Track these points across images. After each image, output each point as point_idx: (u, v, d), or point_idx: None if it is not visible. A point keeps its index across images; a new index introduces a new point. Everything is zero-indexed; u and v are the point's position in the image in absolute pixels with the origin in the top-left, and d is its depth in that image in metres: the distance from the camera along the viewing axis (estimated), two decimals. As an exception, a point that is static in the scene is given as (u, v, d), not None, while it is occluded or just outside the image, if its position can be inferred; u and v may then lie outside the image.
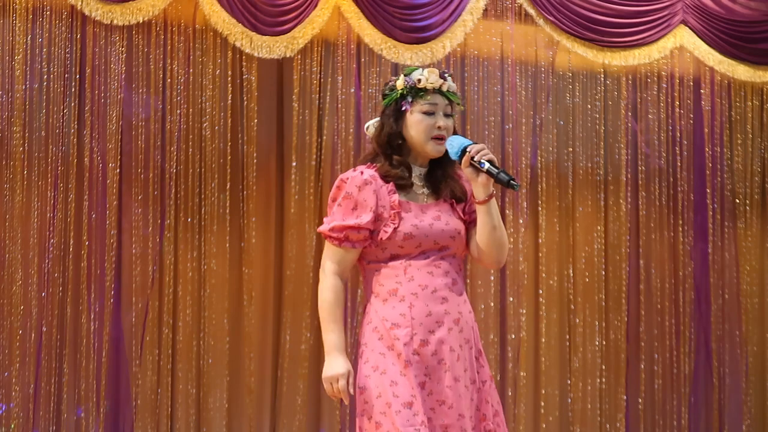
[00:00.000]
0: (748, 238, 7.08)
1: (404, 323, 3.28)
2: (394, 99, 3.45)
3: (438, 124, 3.41)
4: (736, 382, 6.98)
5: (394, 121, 3.42)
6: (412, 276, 3.31)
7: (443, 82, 3.47)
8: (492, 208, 3.34)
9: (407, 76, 3.45)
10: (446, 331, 3.30)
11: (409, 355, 3.25)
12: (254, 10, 6.06)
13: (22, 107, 5.81)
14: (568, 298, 6.74)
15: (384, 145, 3.42)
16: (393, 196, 3.35)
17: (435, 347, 3.28)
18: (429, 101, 3.42)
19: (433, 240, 3.33)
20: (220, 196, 6.13)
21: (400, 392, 3.22)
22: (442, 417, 3.25)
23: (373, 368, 3.28)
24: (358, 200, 3.33)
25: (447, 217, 3.37)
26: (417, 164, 3.43)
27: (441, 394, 3.27)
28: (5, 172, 5.79)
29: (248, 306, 6.14)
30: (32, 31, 5.85)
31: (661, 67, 6.92)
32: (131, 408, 5.91)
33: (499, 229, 3.35)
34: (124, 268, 5.96)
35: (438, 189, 3.42)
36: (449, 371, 3.28)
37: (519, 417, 6.54)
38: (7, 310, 5.74)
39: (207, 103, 6.12)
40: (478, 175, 3.30)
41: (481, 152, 3.29)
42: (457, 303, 3.34)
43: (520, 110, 6.67)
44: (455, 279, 3.36)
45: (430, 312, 3.30)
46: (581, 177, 6.81)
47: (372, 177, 3.36)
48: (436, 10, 6.37)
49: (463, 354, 3.33)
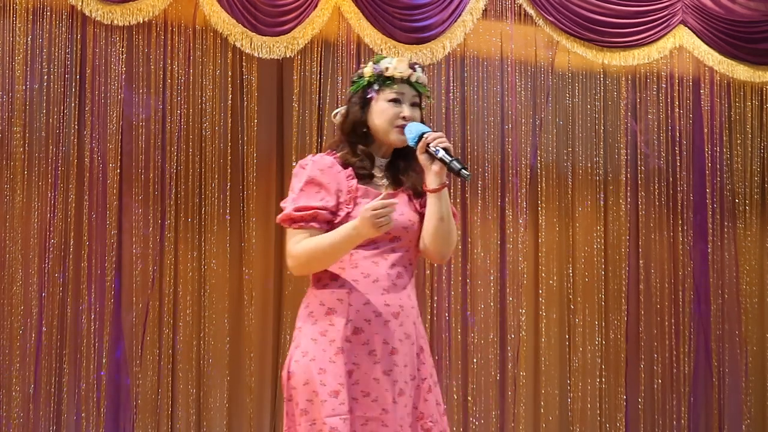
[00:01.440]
0: (748, 238, 7.09)
1: (340, 309, 3.23)
2: (361, 86, 3.40)
3: (403, 113, 3.34)
4: (736, 381, 6.98)
5: (359, 108, 3.37)
6: (357, 263, 3.26)
7: (412, 72, 3.39)
8: (443, 198, 3.27)
9: (376, 64, 3.40)
10: (382, 323, 3.23)
11: (342, 341, 3.20)
12: (254, 10, 6.07)
13: (22, 107, 5.81)
14: (567, 297, 6.74)
15: (349, 133, 3.37)
16: (351, 181, 3.30)
17: (368, 337, 3.21)
18: (396, 90, 3.35)
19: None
20: (220, 196, 6.14)
21: (327, 380, 3.17)
22: (364, 408, 3.18)
23: (303, 354, 3.23)
24: (322, 183, 3.28)
25: (402, 208, 3.31)
26: (380, 154, 3.38)
27: (367, 385, 3.19)
28: (5, 172, 5.79)
29: (248, 306, 6.15)
30: (32, 32, 5.85)
31: (661, 67, 6.92)
32: (131, 408, 5.91)
33: (446, 222, 3.29)
34: (125, 268, 5.96)
35: (398, 180, 3.37)
36: (379, 363, 3.21)
37: (519, 417, 6.55)
38: (7, 310, 5.74)
39: (207, 103, 6.12)
40: (432, 163, 3.24)
41: (438, 139, 3.23)
42: (398, 296, 3.27)
43: (519, 110, 6.67)
44: (401, 272, 3.29)
45: (368, 301, 3.23)
46: (581, 177, 6.81)
47: (333, 161, 3.31)
48: (436, 11, 6.38)
49: (402, 348, 3.25)
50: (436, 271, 6.44)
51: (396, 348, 3.24)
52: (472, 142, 6.58)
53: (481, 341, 6.51)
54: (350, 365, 3.20)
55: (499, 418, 6.50)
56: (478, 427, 6.45)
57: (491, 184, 6.59)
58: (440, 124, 6.49)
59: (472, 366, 6.45)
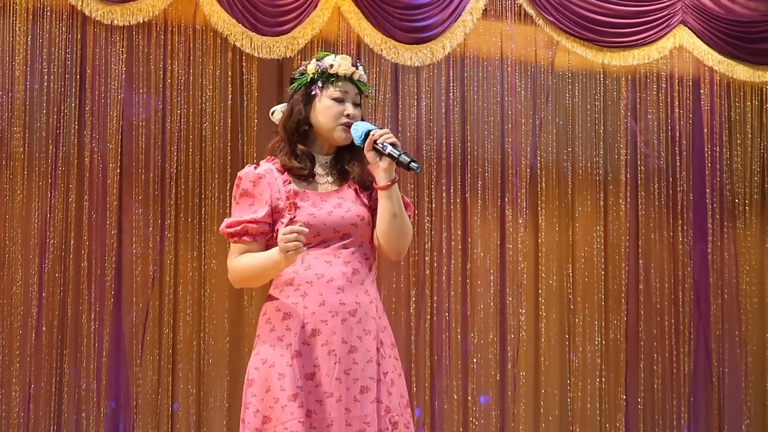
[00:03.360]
0: (748, 238, 7.09)
1: (296, 312, 3.24)
2: (303, 83, 3.41)
3: (347, 111, 3.35)
4: (736, 382, 6.98)
5: (302, 105, 3.38)
6: (309, 265, 3.26)
7: (354, 70, 3.41)
8: (393, 194, 3.27)
9: (319, 60, 3.41)
10: (339, 322, 3.23)
11: (299, 345, 3.21)
12: (254, 10, 6.07)
13: (22, 107, 5.81)
14: (567, 297, 6.74)
15: (291, 131, 3.38)
16: (288, 186, 3.30)
17: (326, 338, 3.22)
18: (340, 88, 3.37)
19: (332, 228, 3.28)
20: (220, 196, 6.14)
21: (286, 385, 3.18)
22: (328, 409, 3.19)
23: (263, 361, 3.24)
24: (254, 195, 3.30)
25: (349, 204, 3.32)
26: (323, 152, 3.39)
27: (329, 386, 3.20)
28: (5, 172, 5.79)
29: (248, 306, 6.15)
30: (32, 32, 5.85)
31: (661, 67, 6.92)
32: (131, 408, 5.91)
33: (399, 218, 3.28)
34: (125, 268, 5.96)
35: (343, 175, 3.36)
36: (339, 363, 3.21)
37: (519, 417, 6.55)
38: (7, 310, 5.74)
39: (207, 103, 6.12)
40: (380, 159, 3.25)
41: (384, 136, 3.24)
42: (355, 293, 3.26)
43: (519, 110, 6.67)
44: (356, 269, 3.29)
45: (324, 302, 3.24)
46: (581, 177, 6.81)
47: (267, 170, 3.32)
48: (436, 11, 6.38)
49: (362, 345, 3.25)
50: (436, 270, 6.44)
51: (355, 346, 3.24)
52: (472, 142, 6.58)
53: (481, 341, 6.51)
54: (310, 368, 3.21)
55: (499, 418, 6.51)
56: (478, 427, 6.45)
57: (491, 184, 6.59)
58: (440, 124, 6.49)
59: (472, 366, 6.45)
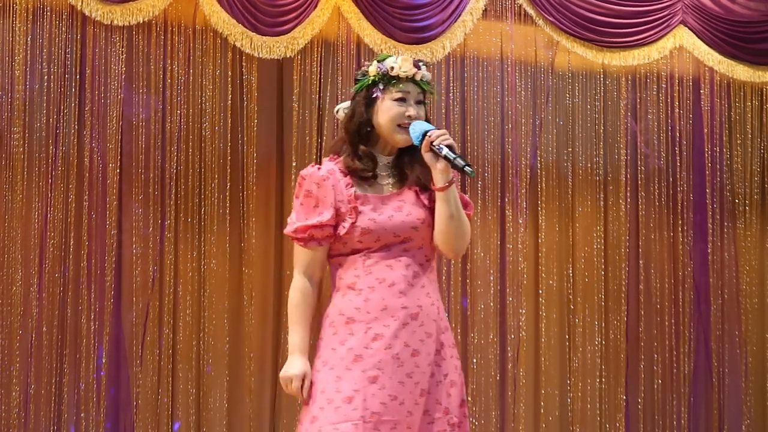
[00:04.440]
0: (748, 238, 7.09)
1: (359, 317, 3.25)
2: (365, 85, 3.39)
3: (408, 112, 3.34)
4: (736, 382, 6.98)
5: (364, 107, 3.37)
6: (371, 269, 3.27)
7: (416, 70, 3.39)
8: (451, 195, 3.27)
9: (381, 62, 3.39)
10: (401, 326, 3.24)
11: (361, 349, 3.22)
12: (254, 10, 6.07)
13: (22, 107, 5.81)
14: (567, 297, 6.74)
15: (352, 133, 3.37)
16: (350, 189, 3.30)
17: (389, 341, 3.23)
18: (401, 89, 3.35)
19: (392, 233, 3.28)
20: (220, 196, 6.14)
21: (343, 387, 3.19)
22: (392, 412, 3.19)
23: (323, 363, 3.25)
24: (318, 197, 3.29)
25: (410, 207, 3.32)
26: (384, 153, 3.38)
27: (393, 389, 3.21)
28: (5, 172, 5.79)
29: (248, 306, 6.15)
30: (32, 32, 5.85)
31: (661, 68, 6.92)
32: (131, 408, 5.91)
33: (456, 219, 3.28)
34: (125, 268, 5.96)
35: (404, 176, 3.36)
36: (402, 367, 3.22)
37: (519, 417, 6.55)
38: (7, 310, 5.74)
39: (207, 103, 6.12)
40: (437, 161, 3.24)
41: (441, 137, 3.23)
42: (416, 297, 3.28)
43: (519, 110, 6.67)
44: (417, 272, 3.30)
45: (386, 306, 3.24)
46: (581, 177, 6.81)
47: (330, 171, 3.32)
48: (436, 11, 6.38)
49: (424, 349, 3.26)
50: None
51: (417, 350, 3.26)
52: (472, 142, 6.58)
53: (481, 341, 6.51)
54: (374, 371, 3.21)
55: (499, 418, 6.50)
56: (478, 427, 6.44)
57: (491, 184, 6.59)
58: (440, 124, 6.48)
59: (472, 366, 6.45)
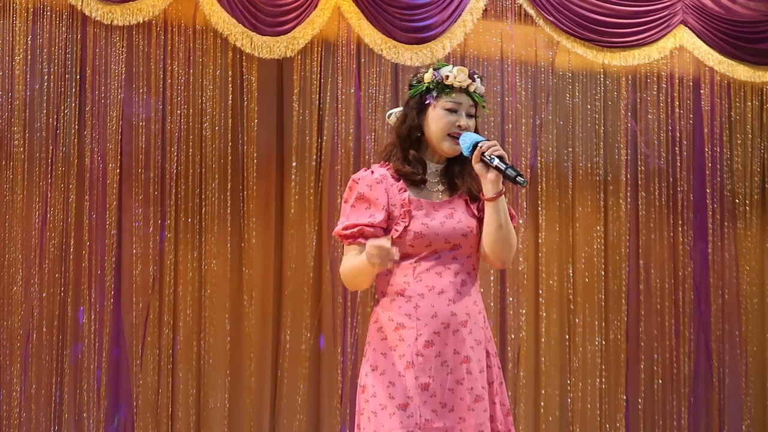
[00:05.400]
0: (748, 238, 7.09)
1: (409, 324, 3.27)
2: (419, 91, 3.44)
3: (459, 122, 3.38)
4: (736, 382, 6.98)
5: (416, 113, 3.41)
6: (420, 276, 3.30)
7: (471, 82, 3.43)
8: (500, 205, 3.30)
9: (436, 70, 3.43)
10: (451, 334, 3.28)
11: (412, 356, 3.25)
12: (254, 10, 6.07)
13: (22, 107, 5.81)
14: (567, 297, 6.74)
15: (403, 137, 3.41)
16: (403, 194, 3.34)
17: (439, 349, 3.26)
18: (453, 99, 3.39)
19: (443, 239, 3.31)
20: (221, 196, 6.14)
21: (396, 393, 3.22)
22: (443, 419, 3.23)
23: (373, 368, 3.29)
24: (370, 199, 3.33)
25: (460, 215, 3.35)
26: (434, 160, 3.42)
27: (443, 396, 3.25)
28: (5, 172, 5.79)
29: (248, 306, 6.15)
30: (32, 32, 5.85)
31: (661, 68, 6.92)
32: (131, 408, 5.91)
33: (505, 228, 3.31)
34: (125, 268, 5.96)
35: (454, 185, 3.40)
36: (452, 374, 3.26)
37: (519, 417, 6.55)
38: (7, 310, 5.74)
39: (207, 103, 6.12)
40: (487, 171, 3.28)
41: (492, 148, 3.26)
42: (465, 305, 3.32)
43: (520, 110, 6.67)
44: (465, 280, 3.34)
45: (436, 313, 3.28)
46: (581, 177, 6.81)
47: (383, 176, 3.35)
48: (436, 11, 6.38)
49: (474, 355, 3.30)
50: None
51: (468, 356, 3.29)
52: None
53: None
54: (425, 378, 3.24)
55: (499, 418, 6.50)
56: (478, 427, 6.44)
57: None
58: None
59: (472, 366, 6.44)
